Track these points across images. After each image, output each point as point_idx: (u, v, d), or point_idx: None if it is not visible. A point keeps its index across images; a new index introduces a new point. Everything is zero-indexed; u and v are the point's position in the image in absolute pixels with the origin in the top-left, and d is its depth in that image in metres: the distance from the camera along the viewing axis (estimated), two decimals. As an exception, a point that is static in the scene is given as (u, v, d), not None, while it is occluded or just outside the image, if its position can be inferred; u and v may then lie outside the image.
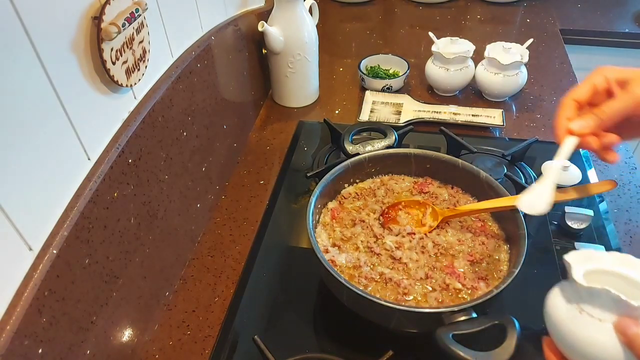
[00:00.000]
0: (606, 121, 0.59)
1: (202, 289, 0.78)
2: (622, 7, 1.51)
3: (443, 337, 0.55)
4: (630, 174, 0.94)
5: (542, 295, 0.74)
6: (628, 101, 0.58)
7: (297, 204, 0.92)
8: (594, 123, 0.59)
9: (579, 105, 0.62)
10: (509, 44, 1.09)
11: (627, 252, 0.78)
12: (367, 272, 0.68)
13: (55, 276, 0.50)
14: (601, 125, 0.59)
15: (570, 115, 0.61)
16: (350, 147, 0.85)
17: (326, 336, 0.72)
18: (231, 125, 0.97)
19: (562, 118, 0.62)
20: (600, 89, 0.61)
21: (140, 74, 0.64)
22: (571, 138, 0.60)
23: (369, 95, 1.15)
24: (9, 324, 0.45)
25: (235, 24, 0.95)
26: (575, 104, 0.61)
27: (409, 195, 0.80)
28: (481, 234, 0.73)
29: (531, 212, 0.62)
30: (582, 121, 0.59)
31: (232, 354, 0.69)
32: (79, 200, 0.54)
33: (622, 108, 0.58)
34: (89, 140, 0.56)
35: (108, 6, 0.54)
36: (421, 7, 1.56)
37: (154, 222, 0.70)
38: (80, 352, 0.56)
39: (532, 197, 0.63)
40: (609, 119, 0.59)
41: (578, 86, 0.62)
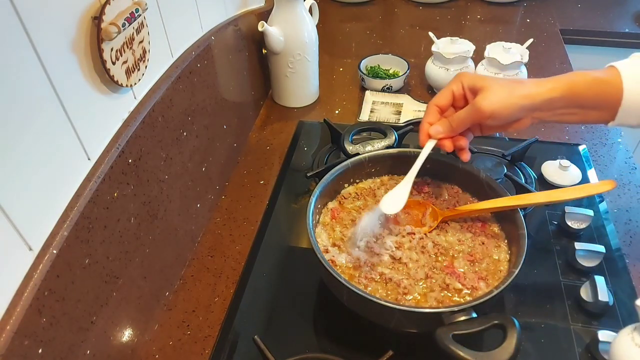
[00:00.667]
0: (456, 128, 0.67)
1: (202, 289, 0.78)
2: (622, 7, 1.51)
3: (443, 337, 0.55)
4: (630, 174, 0.94)
5: (542, 296, 0.74)
6: (472, 112, 0.65)
7: (297, 204, 0.92)
8: (447, 129, 0.68)
9: (441, 109, 0.70)
10: (509, 44, 1.09)
11: (627, 253, 0.79)
12: (367, 272, 0.68)
13: (55, 276, 0.50)
14: (452, 131, 0.68)
15: (432, 119, 0.69)
16: (350, 147, 0.85)
17: (326, 336, 0.72)
18: (231, 125, 0.97)
19: (425, 122, 0.70)
20: (458, 95, 0.68)
21: (140, 74, 0.64)
22: (430, 141, 0.69)
23: (369, 95, 1.15)
24: (9, 324, 0.45)
25: (235, 24, 0.95)
26: (437, 109, 0.69)
27: (409, 195, 0.80)
28: (481, 234, 0.73)
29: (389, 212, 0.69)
30: (438, 127, 0.68)
31: (232, 354, 0.69)
32: (79, 200, 0.54)
33: (468, 118, 0.66)
34: (89, 140, 0.56)
35: (108, 6, 0.54)
36: (421, 7, 1.56)
37: (154, 222, 0.70)
38: (80, 352, 0.56)
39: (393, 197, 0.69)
40: (458, 126, 0.67)
41: (440, 92, 0.70)
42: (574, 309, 0.72)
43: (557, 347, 0.68)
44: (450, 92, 0.68)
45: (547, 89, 0.63)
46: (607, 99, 0.63)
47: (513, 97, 0.63)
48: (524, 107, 0.63)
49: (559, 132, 1.04)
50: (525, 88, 0.63)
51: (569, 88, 0.63)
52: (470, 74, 0.68)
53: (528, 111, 0.64)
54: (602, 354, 0.65)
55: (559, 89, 0.63)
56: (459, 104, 0.69)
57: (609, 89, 0.62)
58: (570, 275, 0.76)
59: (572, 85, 0.63)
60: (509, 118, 0.64)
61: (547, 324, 0.70)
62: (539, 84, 0.64)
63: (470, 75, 0.67)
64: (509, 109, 0.63)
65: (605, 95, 0.63)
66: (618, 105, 0.62)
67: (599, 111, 0.64)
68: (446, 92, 0.69)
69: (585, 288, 0.72)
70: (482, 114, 0.64)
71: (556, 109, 0.64)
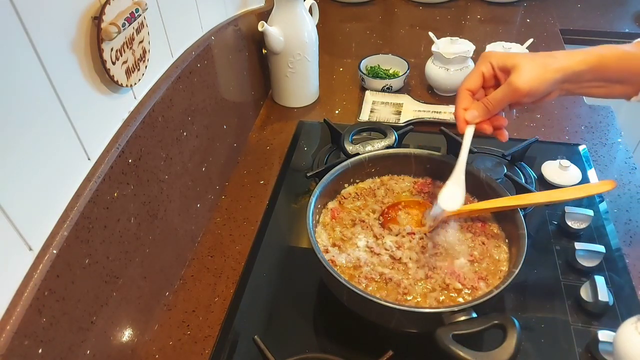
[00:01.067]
0: (492, 110, 0.66)
1: (202, 289, 0.78)
2: (622, 7, 1.51)
3: (443, 337, 0.55)
4: (630, 174, 0.94)
5: (542, 295, 0.74)
6: (508, 92, 0.64)
7: (297, 204, 0.92)
8: (484, 112, 0.66)
9: (473, 93, 0.68)
10: (509, 44, 1.09)
11: (627, 253, 0.79)
12: (367, 272, 0.68)
13: (55, 276, 0.50)
14: (489, 113, 0.66)
15: (466, 104, 0.68)
16: (350, 147, 0.85)
17: (326, 336, 0.72)
18: (231, 125, 0.97)
19: (460, 109, 0.68)
20: (488, 76, 0.67)
21: (140, 74, 0.64)
22: (469, 127, 0.68)
23: (369, 95, 1.15)
24: (9, 324, 0.45)
25: (235, 24, 0.95)
26: (469, 93, 0.68)
27: (409, 195, 0.80)
28: (481, 234, 0.73)
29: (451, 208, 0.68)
30: (474, 111, 0.66)
31: (232, 354, 0.69)
32: (79, 200, 0.54)
33: (504, 98, 0.64)
34: (89, 140, 0.56)
35: (108, 6, 0.54)
36: (421, 7, 1.56)
37: (154, 222, 0.70)
38: (80, 352, 0.56)
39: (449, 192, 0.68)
40: (494, 108, 0.66)
41: (469, 75, 0.68)
42: (574, 309, 0.72)
43: (557, 347, 0.68)
44: (480, 74, 0.67)
45: (577, 60, 0.63)
46: (634, 74, 0.64)
47: (548, 71, 0.62)
48: (557, 80, 0.63)
49: (559, 132, 1.04)
50: (557, 61, 0.63)
51: (598, 61, 0.63)
52: (497, 52, 0.67)
53: (559, 83, 0.64)
54: (602, 354, 0.65)
55: (589, 61, 0.63)
56: (489, 84, 0.68)
57: (637, 64, 0.63)
58: (570, 275, 0.76)
59: (602, 58, 0.63)
60: (544, 93, 0.64)
61: (547, 324, 0.70)
62: (569, 55, 0.64)
63: (499, 55, 0.66)
64: (545, 84, 0.62)
65: (632, 69, 0.64)
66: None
67: (624, 85, 0.65)
68: (475, 75, 0.67)
69: (585, 288, 0.71)
70: (519, 93, 0.63)
71: (584, 82, 0.65)
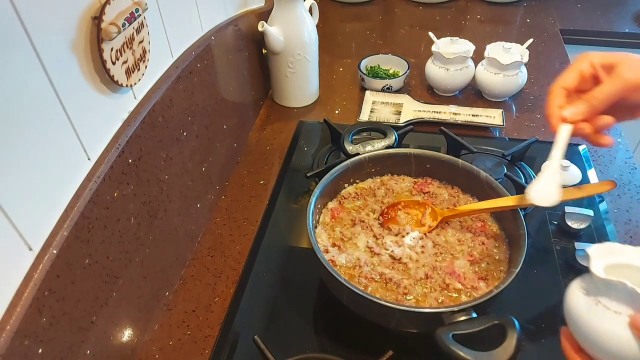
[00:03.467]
0: (597, 107, 0.58)
1: (202, 289, 0.78)
2: (622, 7, 1.51)
3: (443, 337, 0.55)
4: (630, 174, 0.94)
5: (542, 295, 0.74)
6: (617, 85, 0.57)
7: (297, 204, 0.92)
8: (587, 109, 0.59)
9: (567, 92, 0.61)
10: (509, 44, 1.09)
11: (627, 252, 0.79)
12: (367, 272, 0.68)
13: (55, 276, 0.50)
14: (593, 111, 0.59)
15: (561, 103, 0.61)
16: (350, 147, 0.85)
17: (326, 336, 0.72)
18: (231, 125, 0.97)
19: (554, 106, 0.61)
20: (587, 75, 0.60)
21: (140, 74, 0.64)
22: (566, 126, 0.60)
23: (369, 95, 1.15)
24: (9, 324, 0.45)
25: (235, 24, 0.95)
26: (564, 92, 0.61)
27: (409, 195, 0.80)
28: (481, 234, 0.73)
29: (544, 203, 0.61)
30: (574, 108, 0.59)
31: (232, 354, 0.69)
32: (79, 200, 0.54)
33: (612, 92, 0.58)
34: (89, 140, 0.56)
35: (108, 6, 0.54)
36: (421, 7, 1.56)
37: (154, 222, 0.70)
38: (80, 352, 0.56)
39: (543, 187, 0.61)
40: (600, 105, 0.58)
41: (564, 73, 0.62)
42: (574, 309, 0.72)
43: (557, 347, 0.68)
44: (578, 72, 0.60)
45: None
46: None
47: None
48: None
49: (559, 132, 1.04)
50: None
51: None
52: (597, 52, 0.60)
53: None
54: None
55: None
56: (586, 87, 0.61)
57: None
58: (570, 275, 0.76)
59: None
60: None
61: (547, 324, 0.70)
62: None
63: (599, 53, 0.60)
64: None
65: None
66: None
67: None
68: (573, 73, 0.61)
69: (585, 288, 0.71)
70: (629, 85, 0.57)
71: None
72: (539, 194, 0.61)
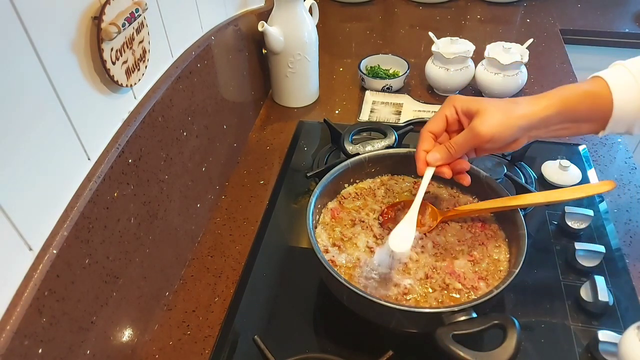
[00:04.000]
0: (454, 154, 0.66)
1: (202, 289, 0.78)
2: (622, 7, 1.51)
3: (443, 337, 0.55)
4: (630, 174, 0.94)
5: (542, 295, 0.74)
6: (471, 137, 0.64)
7: (297, 204, 0.92)
8: (445, 155, 0.66)
9: (436, 136, 0.68)
10: (509, 44, 1.09)
11: (627, 253, 0.79)
12: (367, 272, 0.68)
13: (55, 276, 0.50)
14: (451, 157, 0.66)
15: (427, 147, 0.68)
16: (350, 147, 0.85)
17: (326, 336, 0.72)
18: (231, 125, 0.97)
19: (420, 150, 0.68)
20: (451, 120, 0.67)
21: (140, 74, 0.64)
22: (429, 169, 0.67)
23: (369, 95, 1.15)
24: (9, 324, 0.45)
25: (235, 24, 0.95)
26: (431, 136, 0.68)
27: (409, 196, 0.80)
28: (481, 234, 0.73)
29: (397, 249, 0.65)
30: (436, 154, 0.67)
31: (232, 354, 0.69)
32: (79, 200, 0.54)
33: (467, 143, 0.64)
34: (89, 140, 0.56)
35: (108, 6, 0.54)
36: (421, 7, 1.56)
37: (154, 222, 0.70)
38: (80, 352, 0.56)
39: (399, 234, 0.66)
40: (456, 152, 0.66)
41: (433, 118, 0.68)
42: (574, 309, 0.72)
43: (557, 347, 0.68)
44: (444, 117, 0.67)
45: (542, 107, 0.62)
46: (599, 112, 0.63)
47: (511, 118, 0.61)
48: (522, 127, 0.62)
49: (559, 132, 1.04)
50: (521, 108, 0.62)
51: (562, 104, 0.62)
52: (462, 97, 0.66)
53: (525, 131, 0.63)
54: (602, 354, 0.65)
55: (554, 105, 0.62)
56: (453, 128, 0.68)
57: (599, 102, 0.62)
58: (570, 275, 0.76)
59: (565, 100, 0.62)
60: (508, 140, 0.63)
61: (547, 324, 0.70)
62: (533, 102, 0.63)
63: (463, 99, 0.66)
64: (508, 131, 0.62)
65: (596, 107, 0.63)
66: (609, 116, 0.62)
67: (590, 124, 0.65)
68: (439, 118, 0.67)
69: (585, 288, 0.72)
70: (481, 139, 0.62)
71: (551, 126, 0.64)
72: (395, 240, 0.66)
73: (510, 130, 0.62)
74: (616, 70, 0.64)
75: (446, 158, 0.67)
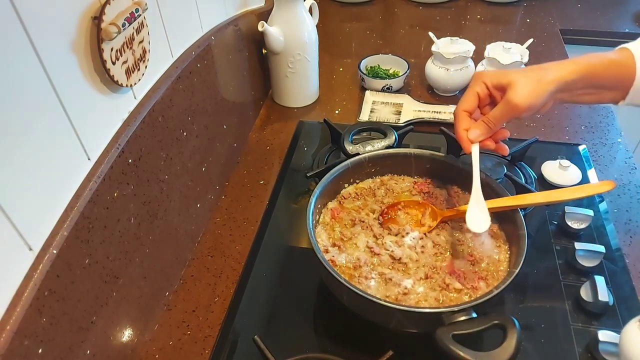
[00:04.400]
0: (494, 127, 0.68)
1: (202, 289, 0.78)
2: (622, 7, 1.51)
3: (443, 337, 0.55)
4: (630, 174, 0.94)
5: (542, 296, 0.74)
6: (507, 109, 0.65)
7: (297, 204, 0.92)
8: (486, 130, 0.68)
9: (470, 113, 0.70)
10: (509, 44, 1.09)
11: (627, 253, 0.79)
12: (367, 272, 0.68)
13: (55, 276, 0.50)
14: (491, 131, 0.68)
15: (466, 125, 0.69)
16: (350, 147, 0.85)
17: (326, 336, 0.72)
18: (231, 125, 0.97)
19: (461, 130, 0.70)
20: (483, 95, 0.69)
21: (140, 74, 0.64)
22: (475, 145, 0.69)
23: (369, 95, 1.15)
24: (9, 324, 0.45)
25: (235, 24, 0.95)
26: (466, 114, 0.70)
27: (409, 196, 0.80)
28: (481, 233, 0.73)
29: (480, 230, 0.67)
30: (476, 130, 0.68)
31: (232, 354, 0.69)
32: (79, 200, 0.54)
33: (503, 115, 0.66)
34: (89, 140, 0.56)
35: (108, 6, 0.54)
36: (421, 7, 1.56)
37: (154, 222, 0.70)
38: (80, 352, 0.56)
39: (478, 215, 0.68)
40: (495, 126, 0.68)
41: (464, 96, 0.70)
42: (574, 309, 0.72)
43: (557, 347, 0.68)
44: (475, 94, 0.69)
45: (568, 70, 0.65)
46: (622, 80, 0.66)
47: (543, 84, 0.64)
48: (552, 92, 0.65)
49: (559, 132, 1.04)
50: (550, 73, 0.65)
51: (587, 70, 0.65)
52: (490, 72, 0.68)
53: (553, 94, 0.66)
54: (602, 354, 0.65)
55: (579, 70, 0.65)
56: (484, 103, 0.70)
57: (624, 71, 0.66)
58: (570, 275, 0.76)
59: (590, 67, 0.65)
60: (542, 105, 0.66)
61: (547, 324, 0.70)
62: (560, 67, 0.65)
63: (491, 74, 0.68)
64: (542, 97, 0.64)
65: (620, 76, 0.66)
66: (630, 85, 0.65)
67: (613, 92, 0.68)
68: (471, 96, 0.69)
69: (585, 288, 0.72)
70: (519, 109, 0.65)
71: (575, 90, 0.67)
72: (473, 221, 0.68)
73: (543, 96, 0.64)
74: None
75: (487, 133, 0.68)
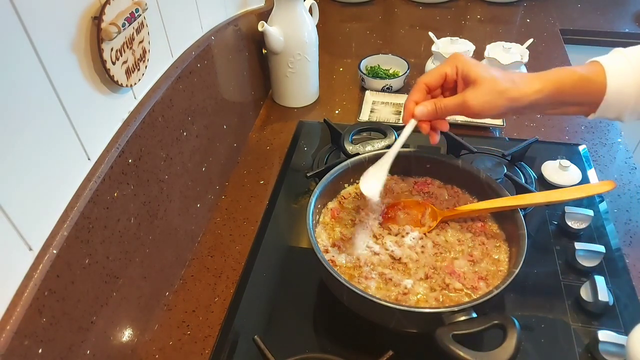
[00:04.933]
0: (440, 114, 0.67)
1: (202, 289, 0.78)
2: (622, 7, 1.51)
3: (443, 337, 0.55)
4: (630, 174, 0.94)
5: (542, 295, 0.74)
6: (459, 105, 0.65)
7: (297, 204, 0.92)
8: (432, 112, 0.67)
9: (430, 89, 0.68)
10: (509, 44, 1.09)
11: (627, 253, 0.79)
12: (367, 272, 0.68)
13: (55, 276, 0.50)
14: (437, 115, 0.67)
15: (418, 98, 0.68)
16: (350, 147, 0.85)
17: (326, 336, 0.72)
18: (231, 125, 0.97)
19: (411, 101, 0.68)
20: (450, 78, 0.67)
21: (140, 74, 0.64)
22: (412, 121, 0.68)
23: (369, 95, 1.15)
24: (9, 324, 0.45)
25: (235, 24, 0.95)
26: (425, 87, 0.68)
27: (408, 195, 0.80)
28: (481, 234, 0.73)
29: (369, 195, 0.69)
30: (423, 108, 0.67)
31: (232, 354, 0.69)
32: (79, 200, 0.54)
33: (454, 109, 0.66)
34: (89, 140, 0.56)
35: (108, 6, 0.54)
36: (421, 7, 1.56)
37: (154, 222, 0.70)
38: (80, 352, 0.56)
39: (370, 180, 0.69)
40: (442, 114, 0.67)
41: (432, 70, 0.68)
42: (574, 309, 0.72)
43: (557, 347, 0.68)
44: (443, 74, 0.67)
45: (534, 90, 0.63)
46: (590, 95, 0.64)
47: (501, 99, 0.63)
48: (510, 108, 0.64)
49: (559, 132, 1.04)
50: (514, 91, 0.63)
51: (555, 88, 0.63)
52: (466, 59, 0.66)
53: (512, 110, 0.65)
54: (602, 354, 0.65)
55: (546, 89, 0.63)
56: (449, 86, 0.68)
57: (592, 87, 0.63)
58: (570, 275, 0.76)
59: (559, 84, 0.63)
60: (493, 116, 0.66)
61: (547, 324, 0.70)
62: (527, 83, 0.63)
63: (465, 62, 0.65)
64: (496, 110, 0.64)
65: (589, 92, 0.64)
66: (600, 101, 0.63)
67: (580, 107, 0.66)
68: (438, 74, 0.67)
69: (585, 288, 0.72)
70: (469, 111, 0.64)
71: (538, 108, 0.66)
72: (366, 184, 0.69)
73: (498, 109, 0.64)
74: (615, 57, 0.65)
75: (432, 115, 0.67)
